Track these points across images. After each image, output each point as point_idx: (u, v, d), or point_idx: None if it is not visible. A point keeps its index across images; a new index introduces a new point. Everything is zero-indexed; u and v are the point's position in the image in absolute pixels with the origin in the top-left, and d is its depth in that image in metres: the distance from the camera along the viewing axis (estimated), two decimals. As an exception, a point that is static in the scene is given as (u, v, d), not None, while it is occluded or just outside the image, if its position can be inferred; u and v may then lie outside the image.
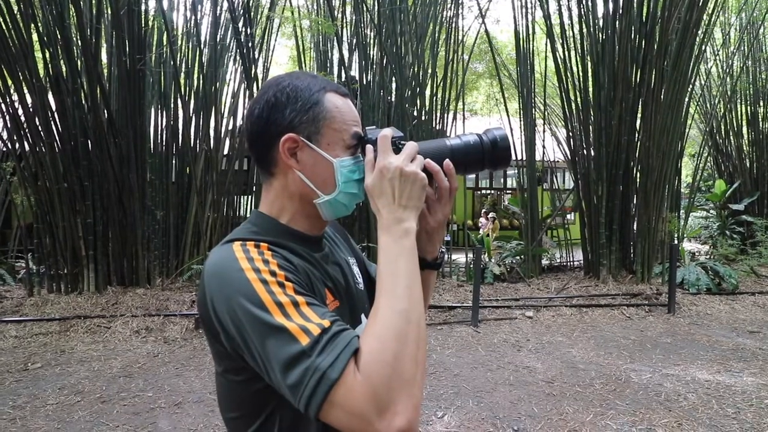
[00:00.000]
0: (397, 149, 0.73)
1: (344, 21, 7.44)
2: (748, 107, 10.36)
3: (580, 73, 7.08)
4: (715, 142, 10.76)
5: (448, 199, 0.80)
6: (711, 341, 4.77)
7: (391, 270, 0.66)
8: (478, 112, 12.85)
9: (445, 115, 7.54)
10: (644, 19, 6.78)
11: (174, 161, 6.63)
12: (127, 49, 5.55)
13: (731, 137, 10.60)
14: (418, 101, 7.27)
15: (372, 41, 7.18)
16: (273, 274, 0.65)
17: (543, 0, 7.29)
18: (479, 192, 14.01)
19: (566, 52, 7.20)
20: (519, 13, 8.20)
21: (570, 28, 7.30)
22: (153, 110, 6.48)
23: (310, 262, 0.76)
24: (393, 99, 7.15)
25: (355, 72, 7.47)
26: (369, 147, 0.74)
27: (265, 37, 7.17)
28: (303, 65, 7.43)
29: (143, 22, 5.85)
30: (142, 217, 5.82)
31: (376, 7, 6.54)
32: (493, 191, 14.41)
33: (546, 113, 8.83)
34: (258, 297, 0.63)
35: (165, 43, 6.24)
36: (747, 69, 10.27)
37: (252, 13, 6.33)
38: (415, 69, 7.10)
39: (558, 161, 10.02)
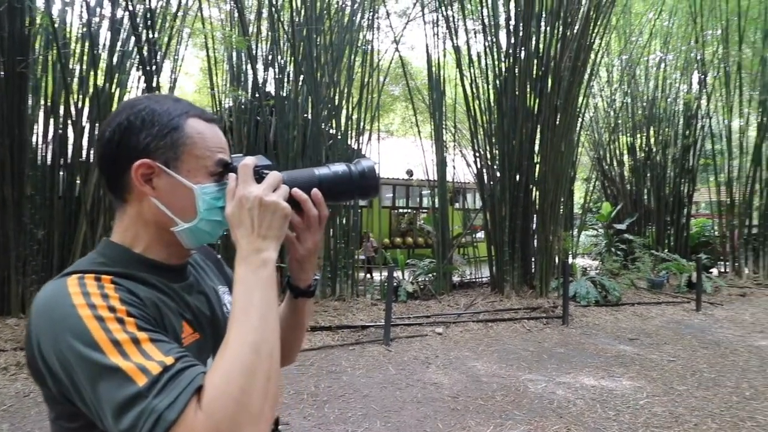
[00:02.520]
0: (260, 178, 0.72)
1: (259, 37, 7.33)
2: (628, 138, 11.75)
3: (486, 102, 7.60)
4: (602, 168, 12.04)
5: (318, 227, 0.80)
6: (598, 349, 5.23)
7: (245, 301, 0.64)
8: (394, 133, 13.22)
9: (361, 135, 7.67)
10: (541, 56, 7.47)
11: (62, 174, 6.01)
12: (6, 48, 4.98)
13: (615, 164, 11.93)
14: (334, 121, 7.33)
15: (288, 58, 7.15)
16: (112, 309, 0.61)
17: (453, 32, 7.77)
18: (396, 211, 14.31)
19: (474, 81, 7.70)
20: (432, 42, 8.66)
21: (478, 59, 7.83)
22: (40, 118, 5.85)
23: (166, 293, 0.72)
24: (309, 117, 7.14)
25: (270, 88, 7.37)
26: (231, 175, 0.72)
27: (173, 45, 6.84)
28: (214, 78, 7.18)
29: (27, 20, 5.30)
30: (18, 236, 5.17)
31: (293, 26, 6.53)
32: (409, 210, 14.81)
33: (456, 137, 9.33)
34: (90, 335, 0.58)
35: (53, 44, 5.69)
36: (627, 104, 11.68)
37: (156, 19, 6.00)
38: (332, 89, 7.17)
39: (468, 182, 10.58)
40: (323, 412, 3.53)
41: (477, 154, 7.98)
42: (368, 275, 9.09)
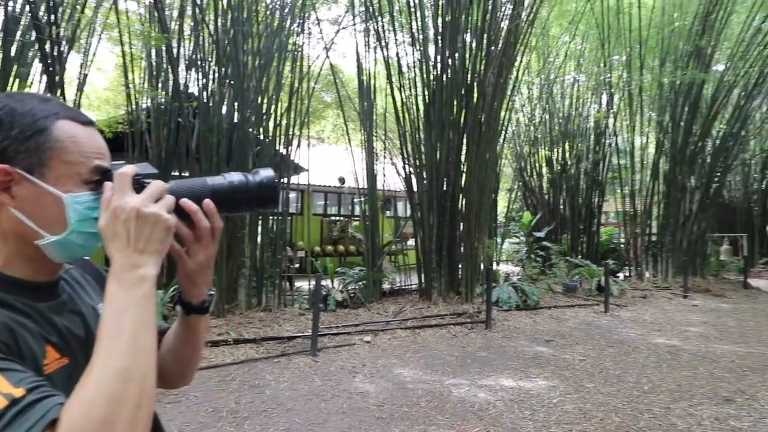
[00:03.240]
0: (140, 187, 0.66)
1: (182, 36, 6.99)
2: (546, 151, 12.58)
3: (415, 112, 7.79)
4: (523, 179, 12.77)
5: (211, 240, 0.76)
6: (517, 352, 5.49)
7: (114, 323, 0.59)
8: (326, 140, 13.15)
9: (291, 141, 7.53)
10: (467, 71, 7.80)
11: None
12: None
13: (535, 176, 12.71)
14: (263, 126, 7.15)
15: (213, 60, 6.87)
16: None
17: (383, 43, 7.89)
18: (328, 219, 14.20)
19: (403, 92, 7.87)
20: (363, 51, 8.74)
21: (408, 71, 8.02)
22: None
23: (26, 314, 0.64)
24: (236, 121, 6.90)
25: (194, 89, 7.04)
26: (107, 184, 0.66)
27: (84, 37, 6.32)
28: (130, 75, 6.73)
29: None
30: None
31: (217, 27, 6.30)
32: (342, 217, 14.76)
33: (387, 145, 9.46)
34: None
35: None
36: (545, 120, 12.51)
37: (60, 8, 5.52)
38: (260, 94, 6.98)
39: (399, 190, 10.76)
40: (243, 429, 3.38)
41: (406, 163, 8.14)
42: (289, 284, 8.89)
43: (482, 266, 8.02)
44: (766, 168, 16.31)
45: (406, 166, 8.17)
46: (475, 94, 7.70)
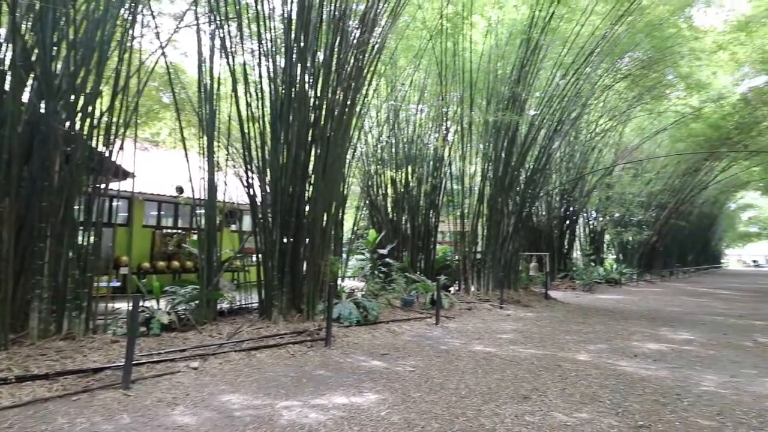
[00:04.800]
0: None
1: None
2: (392, 173, 13.35)
3: (261, 124, 7.53)
4: (370, 198, 13.31)
5: None
6: (353, 367, 5.56)
7: None
8: (163, 145, 11.95)
9: (113, 142, 6.60)
10: (316, 88, 7.85)
11: None
12: None
13: (381, 195, 13.35)
14: (79, 120, 6.12)
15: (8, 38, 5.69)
16: None
17: (229, 49, 7.50)
18: (161, 231, 12.81)
19: (250, 102, 7.56)
20: (207, 54, 8.17)
21: (256, 82, 7.73)
22: None
23: None
24: (42, 111, 5.80)
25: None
26: None
27: None
28: None
29: None
30: None
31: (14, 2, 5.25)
32: (179, 230, 13.46)
33: (232, 155, 8.96)
34: None
35: None
36: (392, 143, 13.30)
37: None
38: (76, 86, 5.98)
39: (245, 203, 10.25)
40: (12, 490, 2.72)
41: (251, 176, 7.79)
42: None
43: (326, 283, 8.03)
44: (563, 198, 19.80)
45: (250, 178, 7.82)
46: (324, 111, 7.79)
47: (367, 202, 13.49)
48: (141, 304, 6.40)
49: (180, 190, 11.11)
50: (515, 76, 12.47)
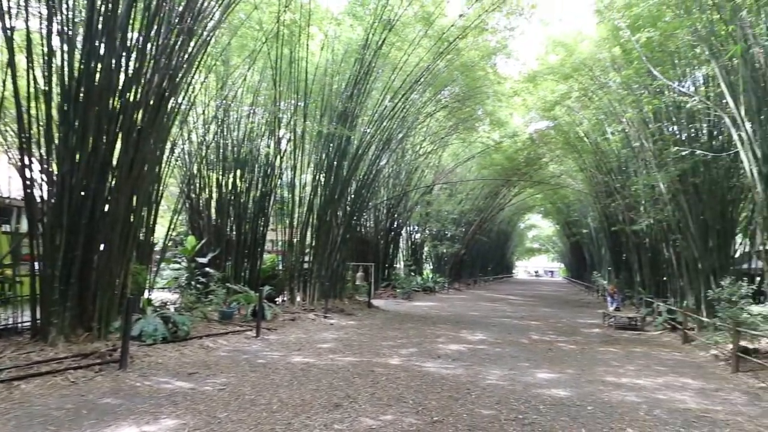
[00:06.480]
0: None
1: None
2: (218, 175, 12.43)
3: (47, 106, 6.24)
4: (191, 201, 12.18)
5: None
6: (152, 391, 4.88)
7: None
8: None
9: None
10: (125, 72, 6.85)
11: None
12: None
13: (203, 199, 12.31)
14: None
15: None
16: None
17: (4, 11, 6.07)
18: None
19: (34, 77, 6.20)
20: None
21: (47, 53, 6.37)
22: None
23: None
24: None
25: None
26: None
27: None
28: None
29: None
30: None
31: None
32: None
33: (6, 138, 7.23)
34: None
35: None
36: (220, 144, 12.39)
37: None
38: None
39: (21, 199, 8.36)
40: None
41: (28, 167, 6.36)
42: None
43: (126, 295, 6.99)
44: (389, 212, 21.19)
45: (30, 169, 6.39)
46: (135, 98, 6.83)
47: (187, 205, 12.30)
48: None
49: None
50: (349, 92, 12.92)
